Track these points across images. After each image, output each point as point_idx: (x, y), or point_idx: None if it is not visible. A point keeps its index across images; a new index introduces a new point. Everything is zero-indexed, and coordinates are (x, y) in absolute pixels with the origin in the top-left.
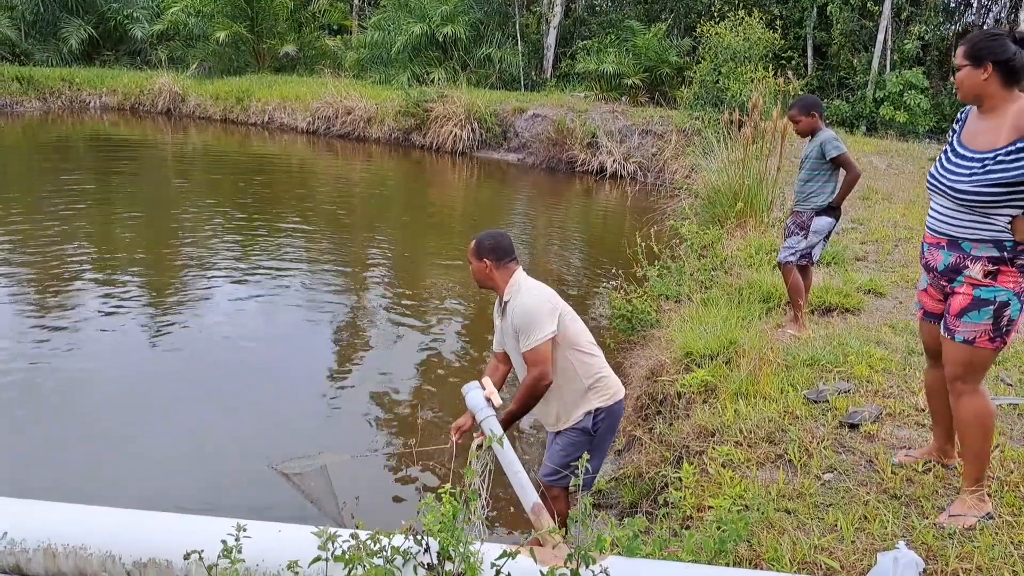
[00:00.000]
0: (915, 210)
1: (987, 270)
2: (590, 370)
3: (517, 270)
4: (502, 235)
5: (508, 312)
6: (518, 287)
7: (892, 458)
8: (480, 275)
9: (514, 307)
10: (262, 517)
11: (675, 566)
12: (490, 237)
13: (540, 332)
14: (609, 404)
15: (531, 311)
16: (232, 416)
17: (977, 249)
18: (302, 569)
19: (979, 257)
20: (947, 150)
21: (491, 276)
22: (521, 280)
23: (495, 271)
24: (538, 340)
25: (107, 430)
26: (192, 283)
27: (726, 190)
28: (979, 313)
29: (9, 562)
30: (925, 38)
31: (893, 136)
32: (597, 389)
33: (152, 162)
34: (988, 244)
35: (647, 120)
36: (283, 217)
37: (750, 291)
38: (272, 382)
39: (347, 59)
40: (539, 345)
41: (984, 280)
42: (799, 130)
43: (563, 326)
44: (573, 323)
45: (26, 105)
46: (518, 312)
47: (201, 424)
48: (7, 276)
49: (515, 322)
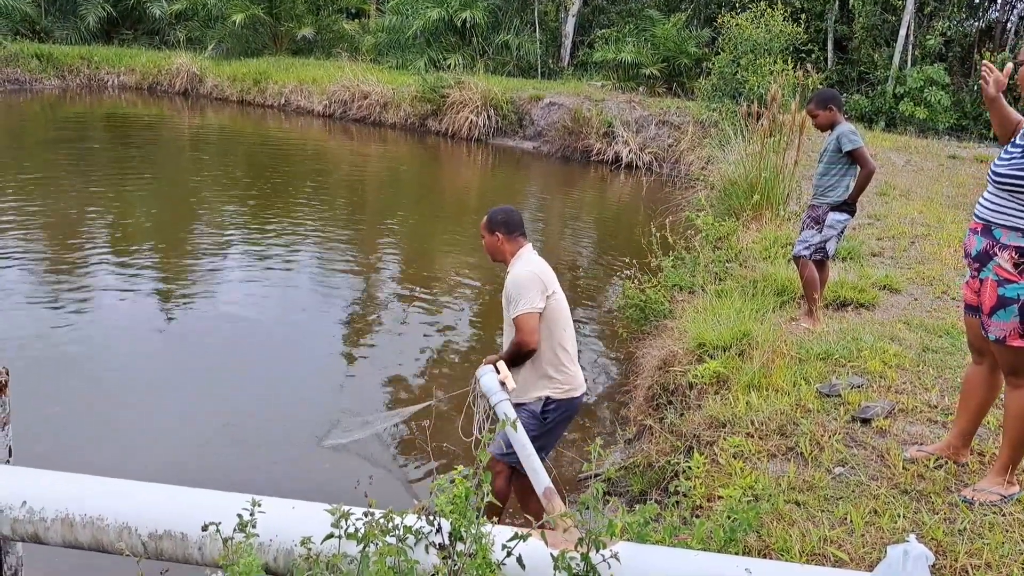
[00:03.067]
0: (933, 207)
1: (1015, 260)
2: (555, 360)
3: (526, 244)
4: (512, 210)
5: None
6: (519, 260)
7: (904, 453)
8: (492, 248)
9: (508, 278)
10: (275, 494)
11: (685, 553)
12: (501, 211)
13: (527, 303)
14: (562, 397)
15: (520, 282)
16: (246, 394)
17: (1007, 237)
18: (315, 545)
19: (1007, 246)
20: (1013, 141)
21: (502, 248)
22: (525, 253)
23: (505, 243)
24: (524, 309)
25: (122, 405)
26: (207, 262)
27: (742, 182)
28: (1005, 312)
29: (28, 531)
30: (948, 34)
31: (912, 132)
32: (554, 380)
33: (169, 142)
34: (1018, 233)
35: (664, 111)
36: (297, 199)
37: (765, 284)
38: (285, 361)
39: (364, 43)
40: (524, 314)
41: (1011, 273)
42: (817, 124)
43: (548, 308)
44: (557, 313)
45: (45, 82)
46: (510, 280)
47: (215, 401)
48: (25, 253)
49: (507, 289)
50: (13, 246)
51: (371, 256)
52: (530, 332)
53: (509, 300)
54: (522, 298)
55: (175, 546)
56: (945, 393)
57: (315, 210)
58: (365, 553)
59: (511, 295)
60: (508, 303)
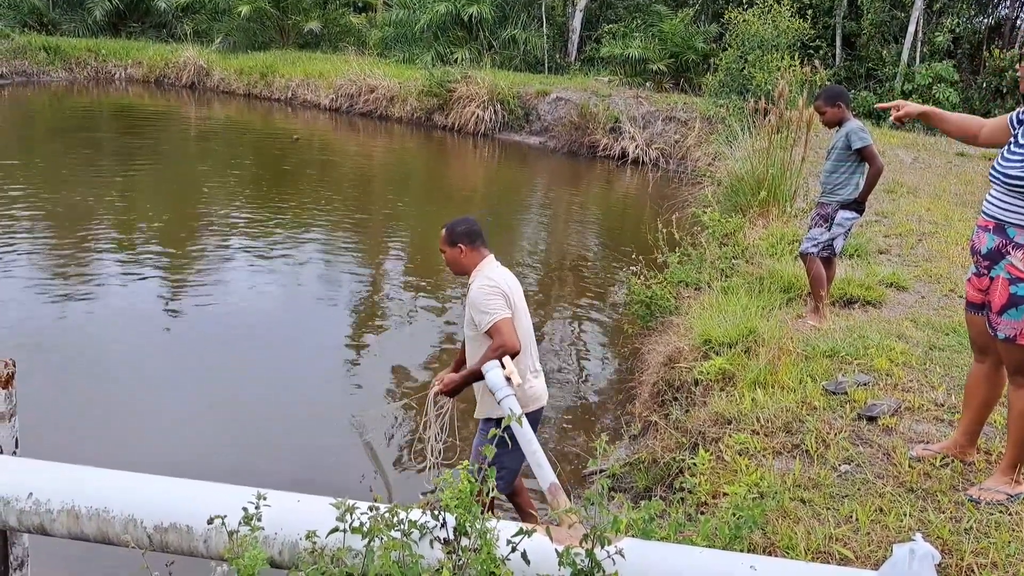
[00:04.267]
0: (940, 205)
1: None
2: None
3: (488, 255)
4: (473, 220)
5: (468, 294)
6: (480, 272)
7: (910, 452)
8: (453, 260)
9: (472, 291)
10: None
11: (690, 550)
12: (462, 222)
13: (498, 310)
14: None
15: (486, 292)
16: (252, 387)
17: (1021, 235)
18: (320, 539)
19: (1022, 244)
20: (1011, 142)
21: (464, 260)
22: (487, 265)
23: (468, 255)
24: (498, 316)
25: (128, 398)
26: (213, 255)
27: (749, 179)
28: (1017, 311)
29: (34, 522)
30: (957, 31)
31: (920, 130)
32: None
33: (176, 135)
34: None
35: (671, 106)
36: (303, 193)
37: (771, 281)
38: (291, 355)
39: (371, 37)
40: (499, 320)
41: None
42: (825, 121)
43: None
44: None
45: (53, 75)
46: (472, 294)
47: (221, 394)
48: (32, 245)
49: (472, 301)
50: (21, 238)
51: (377, 249)
52: (510, 335)
53: (476, 311)
54: (491, 307)
55: (180, 539)
56: (952, 391)
57: (321, 204)
58: (370, 547)
59: (478, 306)
60: (475, 315)
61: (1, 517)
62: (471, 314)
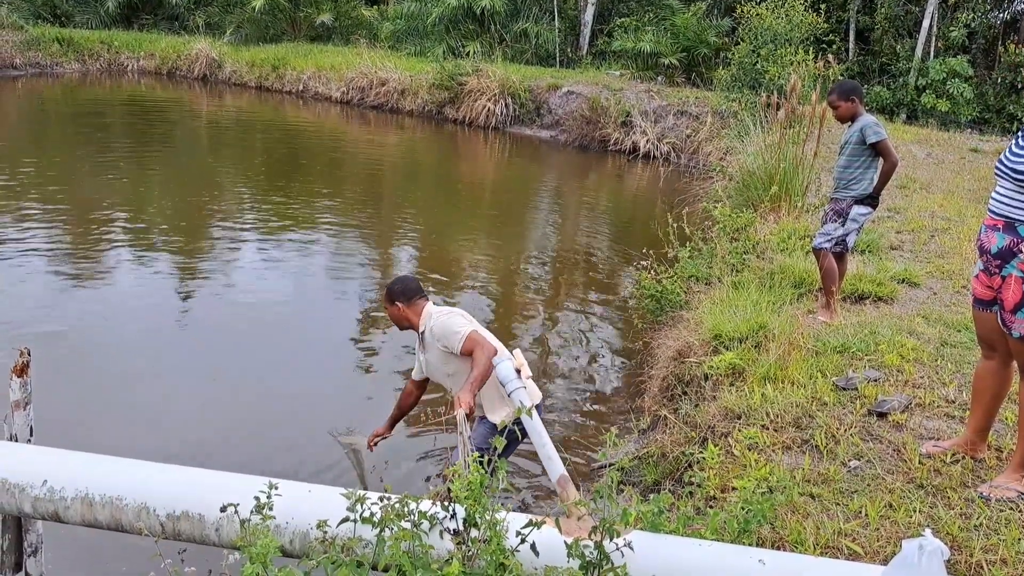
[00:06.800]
0: (953, 201)
1: None
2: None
3: (427, 304)
4: (408, 278)
5: (427, 340)
6: (429, 316)
7: (920, 448)
8: (396, 317)
9: (432, 331)
10: (291, 478)
11: (698, 543)
12: (397, 283)
13: (461, 329)
14: None
15: (445, 324)
16: (263, 378)
17: None
18: (331, 528)
19: None
20: (1018, 136)
21: (406, 316)
22: (431, 310)
23: (407, 310)
24: (465, 334)
25: (141, 388)
26: (224, 246)
27: (761, 173)
28: None
29: (48, 509)
30: (972, 26)
31: (934, 125)
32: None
33: (187, 127)
34: None
35: (682, 101)
36: (313, 185)
37: (782, 276)
38: (302, 346)
39: (383, 30)
40: (468, 336)
41: None
42: (838, 116)
43: None
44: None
45: (66, 66)
46: (437, 332)
47: (232, 385)
48: (46, 235)
49: (438, 338)
50: (36, 229)
51: (388, 242)
52: (484, 342)
53: (447, 342)
54: (456, 331)
55: (192, 527)
56: (963, 388)
57: (332, 196)
58: (381, 537)
59: (446, 337)
60: (448, 346)
61: (16, 504)
62: (442, 347)
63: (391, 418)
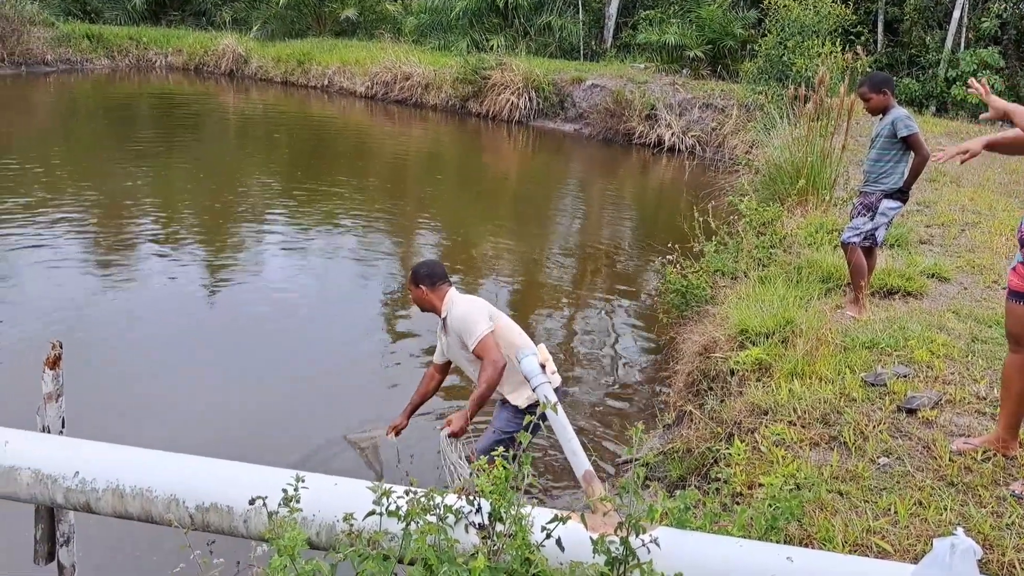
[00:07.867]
0: (984, 194)
1: None
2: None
3: (450, 290)
4: (434, 263)
5: (448, 326)
6: (452, 303)
7: (950, 445)
8: (419, 300)
9: (452, 319)
10: (318, 471)
11: (726, 540)
12: (423, 266)
13: (478, 328)
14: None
15: (465, 316)
16: (290, 372)
17: None
18: (357, 521)
19: None
20: None
21: (429, 299)
22: (454, 296)
23: (431, 294)
24: (480, 335)
25: (171, 380)
26: (250, 241)
27: (788, 167)
28: None
29: (80, 500)
30: (1003, 16)
31: (964, 117)
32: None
33: (215, 121)
34: None
35: (708, 94)
36: (338, 179)
37: (809, 270)
38: (328, 341)
39: (407, 24)
40: (482, 338)
41: None
42: (869, 108)
43: (498, 327)
44: (509, 328)
45: (95, 63)
46: (456, 321)
47: (260, 378)
48: (76, 229)
49: (456, 329)
50: (65, 221)
51: (412, 237)
52: (494, 350)
53: (463, 335)
54: (475, 328)
55: (221, 518)
56: (994, 385)
57: (357, 191)
58: (407, 531)
59: (463, 331)
60: (463, 339)
61: (49, 495)
62: (458, 336)
63: (411, 404)
